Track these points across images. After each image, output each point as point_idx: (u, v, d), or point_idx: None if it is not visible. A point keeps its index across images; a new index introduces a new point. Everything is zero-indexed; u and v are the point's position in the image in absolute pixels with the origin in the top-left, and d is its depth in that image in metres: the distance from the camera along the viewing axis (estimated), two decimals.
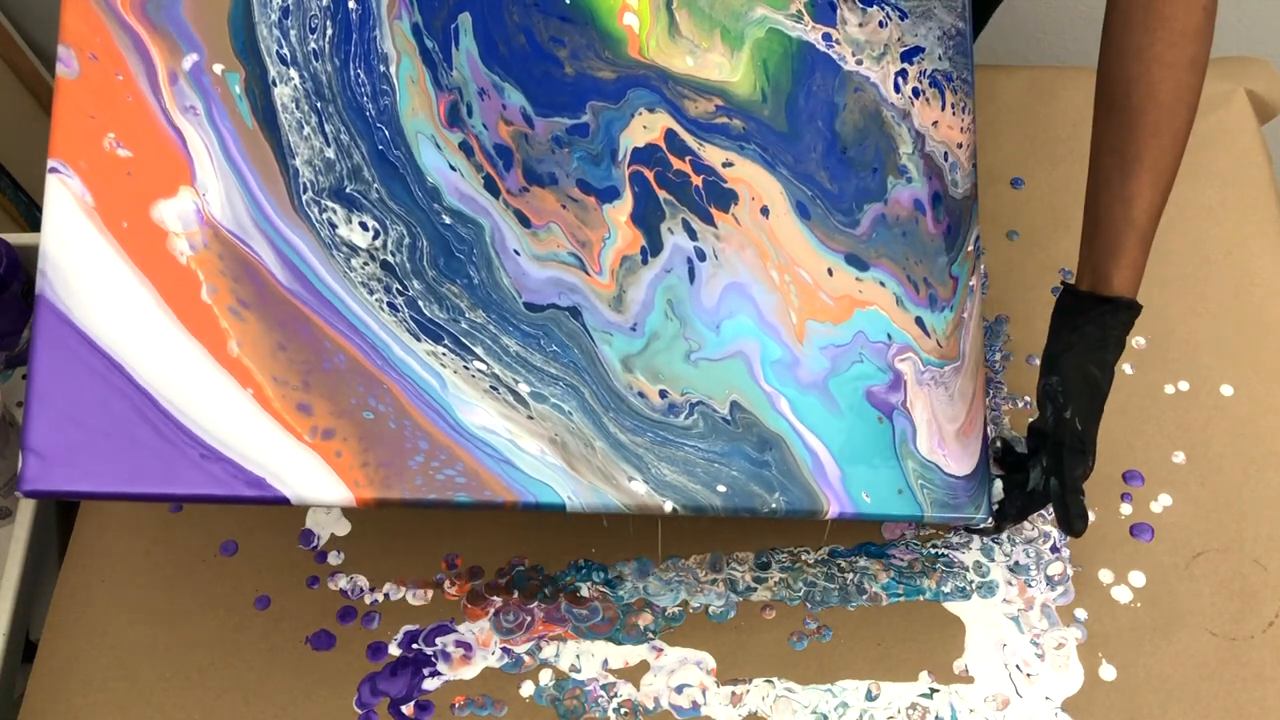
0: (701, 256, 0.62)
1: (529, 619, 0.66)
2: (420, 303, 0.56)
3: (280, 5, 0.57)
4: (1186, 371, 0.73)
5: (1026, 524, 0.69)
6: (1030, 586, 0.67)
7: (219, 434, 0.52)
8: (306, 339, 0.54)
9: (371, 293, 0.56)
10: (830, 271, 0.64)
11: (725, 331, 0.61)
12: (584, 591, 0.67)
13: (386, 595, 0.67)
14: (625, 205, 0.61)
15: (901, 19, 0.70)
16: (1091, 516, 0.69)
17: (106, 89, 0.53)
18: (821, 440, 0.62)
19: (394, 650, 0.65)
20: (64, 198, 0.52)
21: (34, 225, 1.39)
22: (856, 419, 0.63)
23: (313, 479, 0.53)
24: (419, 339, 0.56)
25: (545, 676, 0.64)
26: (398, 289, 0.56)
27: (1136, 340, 0.75)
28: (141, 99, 0.54)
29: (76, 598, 0.68)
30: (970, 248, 0.69)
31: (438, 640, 0.66)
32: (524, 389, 0.57)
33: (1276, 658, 0.64)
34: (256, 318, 0.53)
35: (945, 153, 0.70)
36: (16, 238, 0.89)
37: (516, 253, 0.58)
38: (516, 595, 0.67)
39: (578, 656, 0.65)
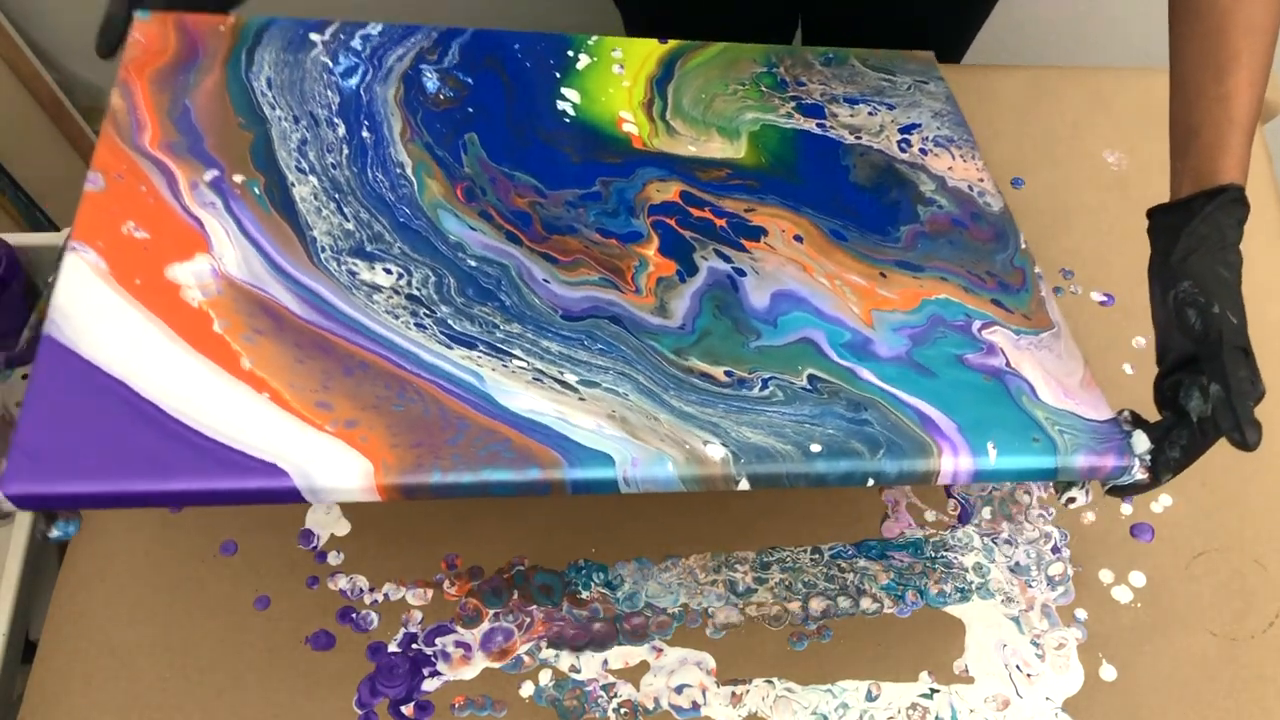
0: (741, 273, 0.62)
1: (528, 620, 0.66)
2: (450, 321, 0.56)
3: (301, 138, 0.62)
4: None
5: (1027, 525, 0.69)
6: (1030, 587, 0.67)
7: (227, 429, 0.49)
8: (326, 352, 0.53)
9: (397, 317, 0.55)
10: (883, 275, 0.63)
11: (782, 325, 0.60)
12: (583, 594, 0.67)
13: (386, 595, 0.67)
14: (651, 243, 0.62)
15: (889, 109, 0.75)
16: (1092, 517, 0.69)
17: (129, 196, 0.57)
18: (920, 400, 0.57)
19: (394, 650, 0.65)
20: (78, 266, 0.54)
21: (34, 225, 1.39)
22: (959, 379, 0.58)
23: (334, 464, 0.49)
24: (451, 347, 0.55)
25: (545, 677, 0.64)
26: (425, 313, 0.56)
27: (1136, 340, 0.75)
28: (162, 199, 0.57)
29: (76, 598, 0.68)
30: (1024, 246, 0.67)
31: (437, 640, 0.66)
32: (571, 378, 0.54)
33: (1276, 658, 0.64)
34: (272, 341, 0.53)
35: (969, 185, 0.71)
36: (16, 238, 0.89)
37: (546, 280, 0.59)
38: (516, 596, 0.67)
39: (578, 657, 0.65)
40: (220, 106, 0.62)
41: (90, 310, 0.52)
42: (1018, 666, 0.64)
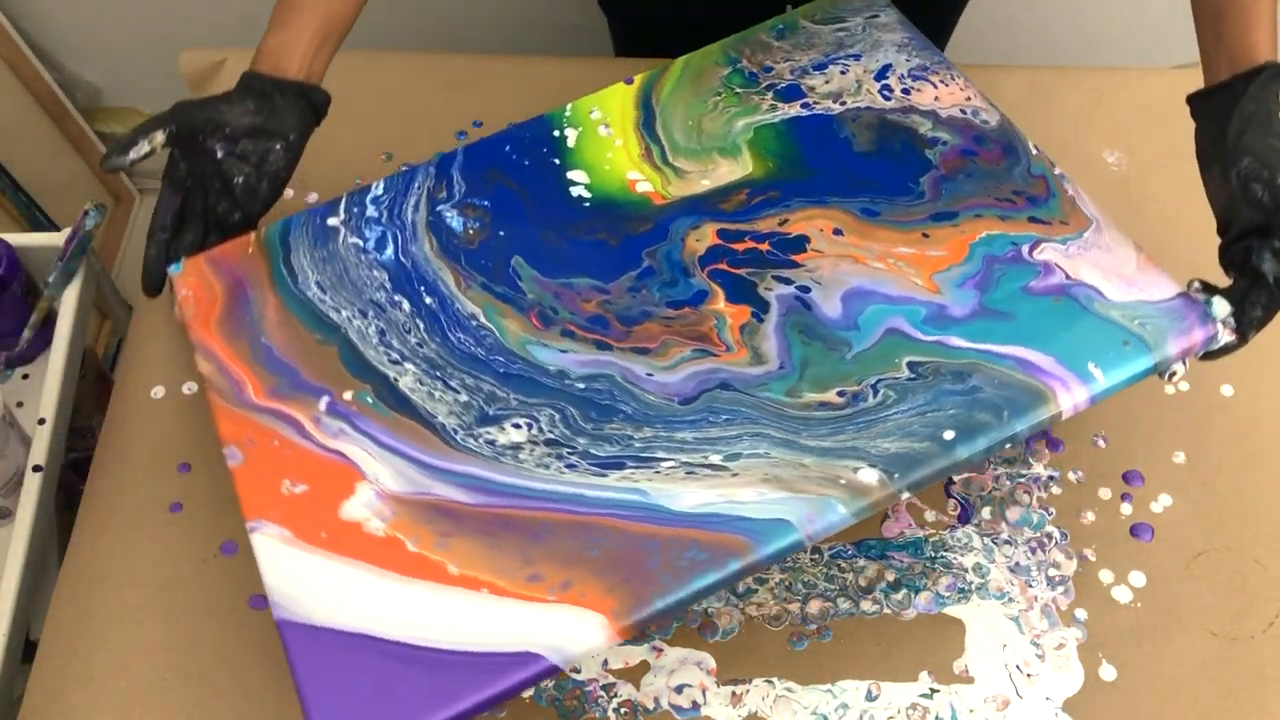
0: (806, 290, 0.65)
1: None
2: (591, 450, 0.60)
3: (378, 329, 0.65)
4: (1187, 371, 0.73)
5: (1028, 528, 0.69)
6: (1030, 587, 0.67)
7: (473, 637, 0.53)
8: (511, 528, 0.57)
9: (548, 468, 0.59)
10: (925, 235, 0.66)
11: (864, 325, 0.63)
12: None
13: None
14: (718, 296, 0.65)
15: (856, 60, 0.76)
16: (1091, 516, 0.69)
17: (270, 456, 0.60)
18: (1011, 346, 0.60)
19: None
20: (268, 545, 0.57)
21: (34, 225, 1.39)
22: (1033, 311, 0.62)
23: (573, 629, 0.53)
24: (605, 475, 0.59)
25: None
26: (567, 451, 0.60)
27: None
28: (298, 446, 0.60)
29: (76, 598, 0.68)
30: (1035, 150, 0.70)
31: None
32: (715, 459, 0.58)
33: (1276, 658, 0.64)
34: (461, 538, 0.57)
35: (960, 109, 0.73)
36: (16, 238, 0.89)
37: (650, 374, 0.62)
38: None
39: None
40: (294, 332, 0.65)
41: (302, 581, 0.56)
42: (1018, 666, 0.64)
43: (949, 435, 0.57)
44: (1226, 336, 0.60)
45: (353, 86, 0.90)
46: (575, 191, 0.71)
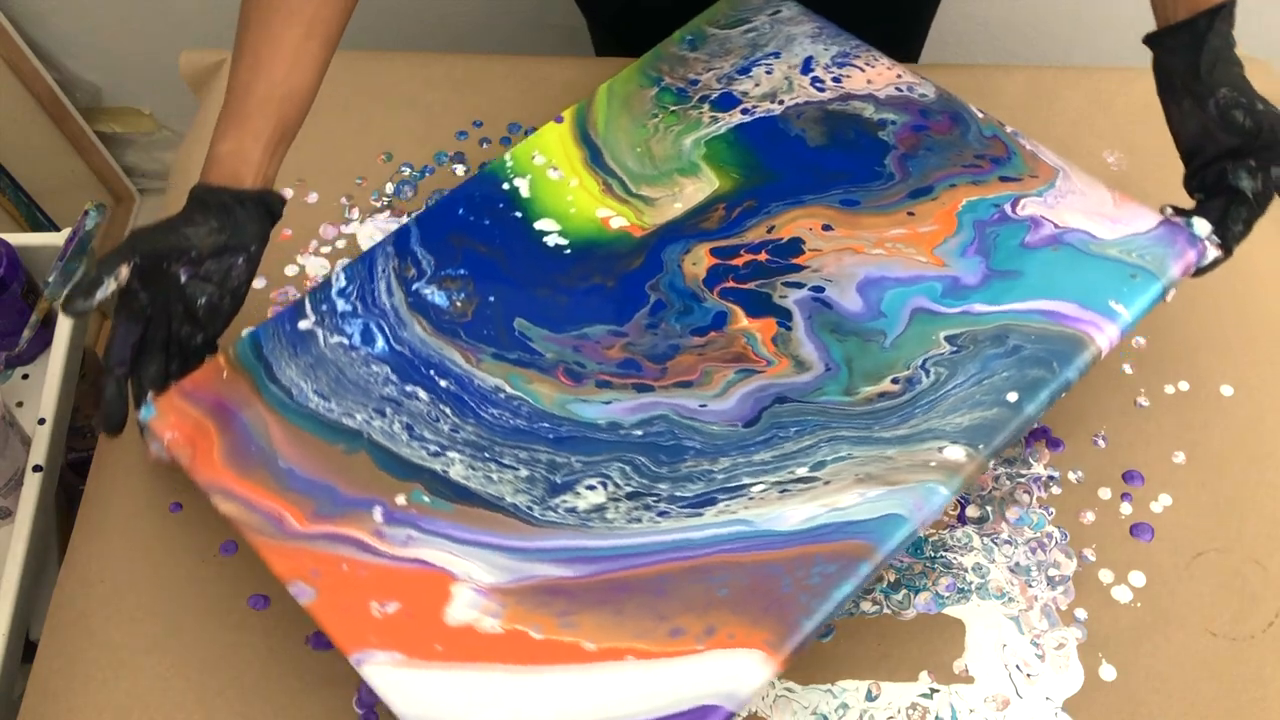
0: (820, 290, 0.66)
1: None
2: (677, 493, 0.59)
3: (404, 425, 0.62)
4: (1186, 371, 0.73)
5: (1028, 528, 0.69)
6: (1030, 586, 0.67)
7: (642, 708, 0.52)
8: (632, 591, 0.55)
9: (640, 521, 0.58)
10: (910, 213, 0.68)
11: (888, 310, 0.64)
12: None
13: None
14: (738, 315, 0.65)
15: (777, 58, 0.77)
16: (1091, 516, 0.69)
17: (345, 583, 0.56)
18: (1032, 301, 0.63)
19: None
20: (382, 674, 0.54)
21: (34, 225, 1.39)
22: (1039, 265, 0.64)
23: (737, 672, 0.52)
24: (702, 513, 0.58)
25: None
26: (652, 500, 0.59)
27: (1136, 340, 0.75)
28: (372, 566, 0.57)
29: (76, 597, 0.68)
30: (980, 113, 0.73)
31: None
32: (801, 471, 0.58)
33: (1276, 658, 0.64)
34: (583, 614, 0.55)
35: (895, 87, 0.75)
36: (16, 238, 0.89)
37: (702, 405, 0.62)
38: None
39: None
40: (312, 448, 0.61)
41: (436, 701, 0.53)
42: (1018, 666, 0.64)
43: (1013, 397, 0.59)
44: (1214, 252, 0.65)
45: (353, 86, 0.90)
46: (550, 241, 0.69)
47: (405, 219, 0.82)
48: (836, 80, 0.75)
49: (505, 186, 0.72)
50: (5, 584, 0.74)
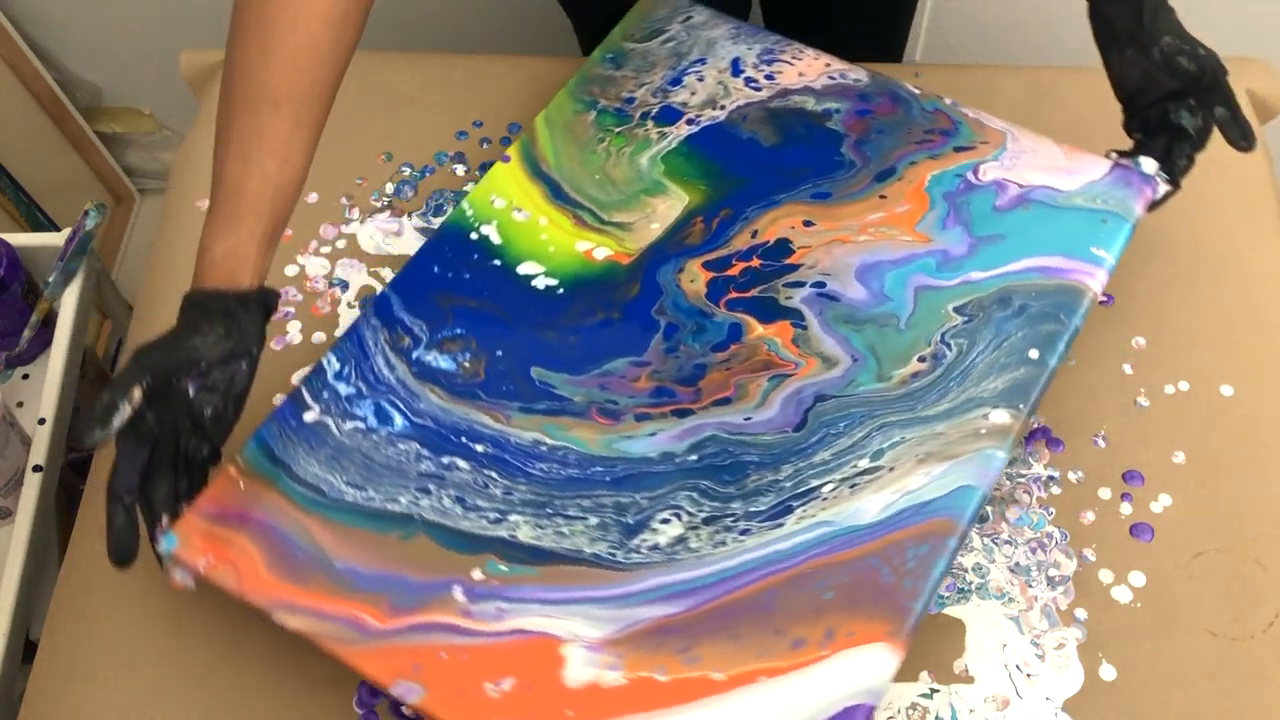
0: (821, 285, 0.67)
1: None
2: (751, 509, 0.59)
3: (454, 498, 0.60)
4: (1186, 371, 0.73)
5: (1028, 528, 0.69)
6: (1030, 586, 0.67)
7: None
8: (741, 613, 0.56)
9: (725, 544, 0.58)
10: (882, 196, 0.70)
11: (890, 293, 0.66)
12: None
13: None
14: (752, 324, 0.66)
15: (704, 64, 0.78)
16: (1091, 516, 0.69)
17: (447, 672, 0.55)
18: (1019, 260, 0.66)
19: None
20: None
21: (34, 225, 1.39)
22: (1015, 225, 0.68)
23: (867, 667, 0.54)
24: (782, 523, 0.58)
25: None
26: (730, 520, 0.59)
27: (1136, 340, 0.75)
28: (472, 648, 0.55)
29: (76, 598, 0.68)
30: (915, 90, 0.75)
31: None
32: (864, 463, 0.60)
33: (1276, 658, 0.64)
34: (702, 646, 0.55)
35: (828, 76, 0.76)
36: (16, 238, 0.89)
37: (747, 419, 0.62)
38: None
39: None
40: (365, 541, 0.59)
41: None
42: (1018, 666, 0.64)
43: (1034, 354, 0.62)
44: (1164, 187, 0.69)
45: (353, 86, 0.90)
46: (539, 284, 0.68)
47: (405, 219, 0.82)
48: (770, 78, 0.76)
49: (474, 236, 0.70)
50: (5, 584, 0.74)
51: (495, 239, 0.70)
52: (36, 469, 0.78)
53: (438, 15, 1.37)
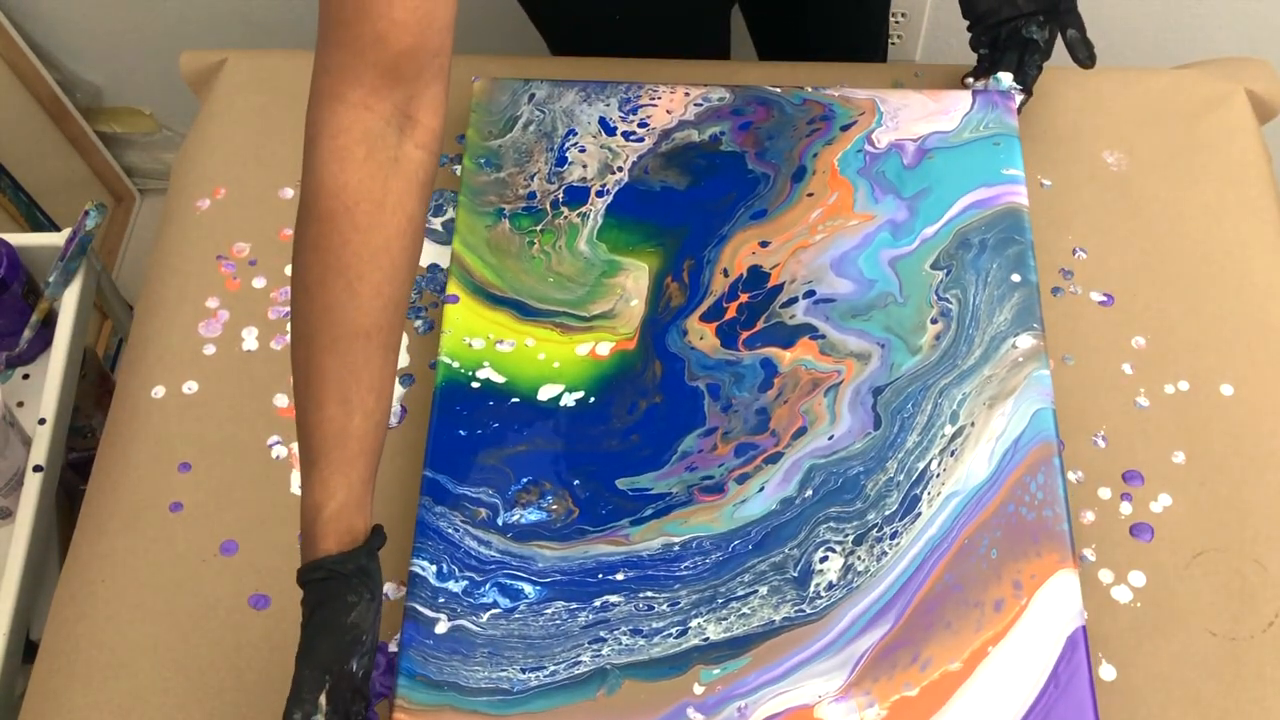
0: (811, 294, 0.70)
1: None
2: (887, 513, 0.63)
3: (629, 632, 0.60)
4: (1186, 371, 0.73)
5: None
6: None
7: (1031, 678, 0.58)
8: (937, 603, 0.60)
9: (887, 553, 0.62)
10: (809, 194, 0.74)
11: (871, 275, 0.71)
12: None
13: (386, 595, 0.67)
14: (779, 353, 0.69)
15: (574, 134, 0.77)
16: (1091, 516, 0.68)
17: None
18: (953, 203, 0.72)
19: (394, 650, 0.65)
20: None
21: (34, 225, 1.39)
22: (931, 175, 0.74)
23: (1061, 594, 0.60)
24: (919, 513, 0.63)
25: None
26: (877, 531, 0.63)
27: (1136, 340, 0.75)
28: None
29: (76, 598, 0.68)
30: (777, 88, 0.78)
31: None
32: (948, 429, 0.65)
33: (1276, 658, 0.64)
34: (927, 647, 0.59)
35: (694, 104, 0.78)
36: (16, 238, 0.89)
37: (831, 438, 0.66)
38: None
39: None
40: (581, 711, 0.59)
41: None
42: None
43: (1015, 277, 0.69)
44: (1020, 96, 0.78)
45: None
46: (567, 402, 0.67)
47: None
48: (643, 124, 0.76)
49: (475, 385, 0.68)
50: (5, 584, 0.74)
51: (497, 379, 0.68)
52: (37, 469, 0.78)
53: None
